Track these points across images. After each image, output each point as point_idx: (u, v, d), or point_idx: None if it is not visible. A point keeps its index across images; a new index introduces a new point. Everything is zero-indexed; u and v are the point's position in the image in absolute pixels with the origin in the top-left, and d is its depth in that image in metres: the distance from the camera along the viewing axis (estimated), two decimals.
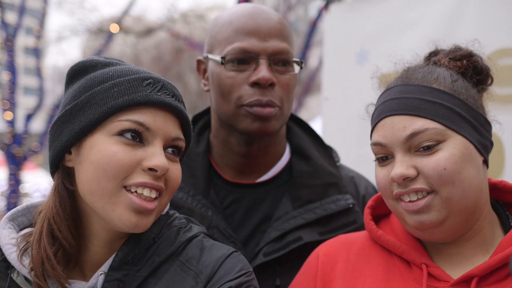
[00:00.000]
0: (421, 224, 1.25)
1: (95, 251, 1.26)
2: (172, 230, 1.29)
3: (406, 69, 1.39)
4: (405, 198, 1.26)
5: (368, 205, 1.47)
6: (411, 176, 1.24)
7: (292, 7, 15.58)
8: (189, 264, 1.24)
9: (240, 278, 1.22)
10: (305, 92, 13.53)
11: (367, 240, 1.44)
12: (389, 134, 1.28)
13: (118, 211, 1.17)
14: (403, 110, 1.27)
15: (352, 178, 1.81)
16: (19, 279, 1.24)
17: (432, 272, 1.28)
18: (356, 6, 3.06)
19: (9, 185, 10.39)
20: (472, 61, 1.37)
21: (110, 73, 1.24)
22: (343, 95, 3.01)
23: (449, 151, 1.22)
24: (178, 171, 1.27)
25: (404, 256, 1.33)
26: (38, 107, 11.39)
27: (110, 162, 1.16)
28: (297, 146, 1.80)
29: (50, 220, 1.22)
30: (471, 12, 2.54)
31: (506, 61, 2.37)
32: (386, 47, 2.81)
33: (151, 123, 1.20)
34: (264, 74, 1.58)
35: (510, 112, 2.35)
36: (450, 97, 1.27)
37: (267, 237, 1.63)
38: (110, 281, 1.19)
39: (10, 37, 10.66)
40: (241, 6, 1.70)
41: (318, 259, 1.44)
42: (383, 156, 1.31)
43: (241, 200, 1.71)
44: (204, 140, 1.80)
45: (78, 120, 1.21)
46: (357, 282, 1.35)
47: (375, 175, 1.35)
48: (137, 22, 17.14)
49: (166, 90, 1.24)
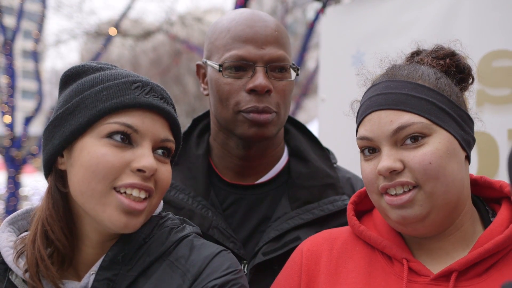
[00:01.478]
0: (405, 219, 1.26)
1: (87, 252, 1.28)
2: (164, 230, 1.31)
3: (391, 66, 1.42)
4: (391, 191, 1.27)
5: (351, 201, 1.48)
6: (398, 169, 1.25)
7: (290, 10, 15.60)
8: (177, 263, 1.25)
9: (226, 276, 1.22)
10: (303, 94, 13.54)
11: (350, 235, 1.45)
12: (375, 128, 1.30)
13: (108, 212, 1.19)
14: (390, 105, 1.29)
15: (349, 179, 1.84)
16: (17, 280, 1.26)
17: (413, 266, 1.29)
18: (352, 9, 3.08)
19: (8, 188, 10.38)
20: (455, 60, 1.40)
21: (100, 77, 1.27)
22: (339, 96, 3.00)
23: (435, 146, 1.25)
24: (167, 172, 1.29)
25: (385, 251, 1.35)
26: (37, 110, 11.38)
27: (99, 164, 1.18)
28: (295, 148, 1.82)
29: (43, 222, 1.24)
30: (465, 14, 2.56)
31: (500, 63, 2.39)
32: (382, 49, 2.82)
33: (140, 125, 1.22)
34: (261, 82, 1.60)
35: (504, 113, 2.38)
36: (435, 93, 1.30)
37: (266, 237, 1.66)
38: (100, 280, 1.21)
39: (8, 40, 10.67)
40: (239, 12, 1.72)
41: (302, 254, 1.45)
42: (369, 148, 1.33)
43: (241, 201, 1.74)
44: (204, 143, 1.83)
45: (69, 124, 1.23)
46: (340, 277, 1.37)
47: (361, 170, 1.36)
48: (135, 25, 17.13)
49: (154, 93, 1.26)
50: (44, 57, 19.61)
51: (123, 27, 14.69)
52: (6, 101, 10.48)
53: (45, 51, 17.07)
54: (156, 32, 15.87)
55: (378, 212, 1.43)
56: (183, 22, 16.07)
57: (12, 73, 10.52)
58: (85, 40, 18.64)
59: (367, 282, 1.32)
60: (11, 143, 10.37)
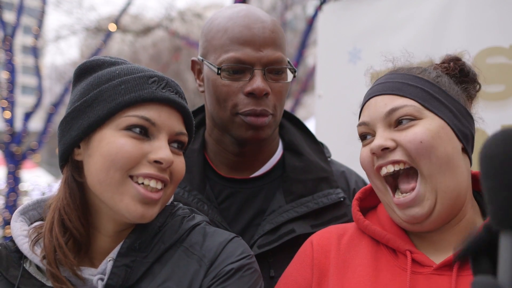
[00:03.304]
0: (414, 218, 1.30)
1: (103, 240, 1.32)
2: (177, 219, 1.36)
3: (395, 65, 1.48)
4: (382, 170, 1.33)
5: (356, 197, 1.52)
6: (390, 147, 1.30)
7: (290, 6, 15.58)
8: (192, 249, 1.30)
9: (241, 260, 1.28)
10: (302, 91, 13.55)
11: (355, 230, 1.49)
12: (372, 113, 1.37)
13: (125, 201, 1.23)
14: (386, 90, 1.36)
15: (343, 172, 1.86)
16: (31, 268, 1.29)
17: (416, 258, 1.33)
18: (349, 5, 3.09)
19: (8, 184, 10.42)
20: (459, 64, 1.45)
21: (117, 71, 1.31)
22: (336, 93, 3.03)
23: (426, 126, 1.29)
24: (182, 164, 1.33)
25: (389, 244, 1.39)
26: (37, 105, 11.40)
27: (118, 153, 1.23)
28: (290, 143, 1.84)
29: (60, 211, 1.28)
30: (461, 11, 2.57)
31: (494, 60, 2.41)
32: (378, 45, 2.83)
33: (157, 119, 1.27)
34: (259, 85, 1.61)
35: (498, 109, 2.40)
36: (431, 85, 1.35)
37: (261, 230, 1.67)
38: (119, 266, 1.24)
39: (8, 36, 10.69)
40: (236, 10, 1.71)
41: (313, 247, 1.48)
42: (366, 134, 1.39)
43: (236, 195, 1.76)
44: (199, 138, 1.84)
45: (87, 116, 1.27)
46: (348, 271, 1.40)
47: (360, 156, 1.41)
48: (135, 21, 17.14)
49: (170, 88, 1.31)
50: (44, 53, 19.60)
51: (123, 23, 14.69)
52: (6, 97, 10.50)
53: (45, 46, 17.06)
54: (156, 28, 15.87)
55: (382, 208, 1.48)
56: (182, 18, 16.06)
57: (12, 69, 10.54)
58: (85, 36, 18.65)
59: (374, 276, 1.36)
60: (10, 138, 10.40)
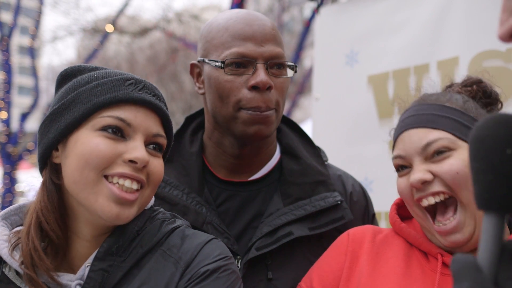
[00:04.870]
0: (455, 244, 1.37)
1: (82, 245, 1.31)
2: (156, 222, 1.34)
3: (422, 94, 1.55)
4: (424, 202, 1.39)
5: (395, 202, 1.60)
6: (428, 179, 1.37)
7: (287, 8, 15.61)
8: (170, 252, 1.29)
9: (218, 261, 1.27)
10: (299, 92, 13.56)
11: (390, 232, 1.57)
12: (407, 147, 1.43)
13: (100, 201, 1.23)
14: (419, 124, 1.43)
15: (340, 176, 1.88)
16: (10, 273, 1.28)
17: (447, 261, 1.39)
18: (346, 8, 3.10)
19: (4, 184, 10.39)
20: (482, 86, 1.52)
21: (95, 75, 1.32)
22: (333, 95, 3.04)
23: (460, 157, 1.36)
24: (159, 165, 1.32)
25: (422, 247, 1.46)
26: (33, 106, 11.40)
27: (92, 153, 1.23)
28: (287, 146, 1.85)
29: (38, 213, 1.28)
30: (457, 14, 2.58)
31: (491, 63, 2.42)
32: (375, 48, 2.85)
33: (132, 119, 1.27)
34: (262, 78, 1.63)
35: None
36: (461, 113, 1.42)
37: (259, 232, 1.68)
38: (95, 271, 1.24)
39: (5, 36, 10.68)
40: (234, 12, 1.75)
41: (349, 237, 1.58)
42: (402, 165, 1.45)
43: (234, 198, 1.77)
44: (197, 141, 1.85)
45: (64, 118, 1.28)
46: (381, 260, 1.48)
47: (397, 186, 1.48)
48: (132, 22, 17.12)
49: (147, 90, 1.31)
50: (41, 54, 19.56)
51: (120, 24, 14.70)
52: (2, 97, 10.49)
53: (42, 47, 17.04)
54: (153, 29, 15.87)
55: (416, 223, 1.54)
56: (180, 20, 16.06)
57: (9, 69, 10.53)
58: (82, 37, 18.64)
59: (405, 268, 1.44)
60: (7, 139, 10.38)
